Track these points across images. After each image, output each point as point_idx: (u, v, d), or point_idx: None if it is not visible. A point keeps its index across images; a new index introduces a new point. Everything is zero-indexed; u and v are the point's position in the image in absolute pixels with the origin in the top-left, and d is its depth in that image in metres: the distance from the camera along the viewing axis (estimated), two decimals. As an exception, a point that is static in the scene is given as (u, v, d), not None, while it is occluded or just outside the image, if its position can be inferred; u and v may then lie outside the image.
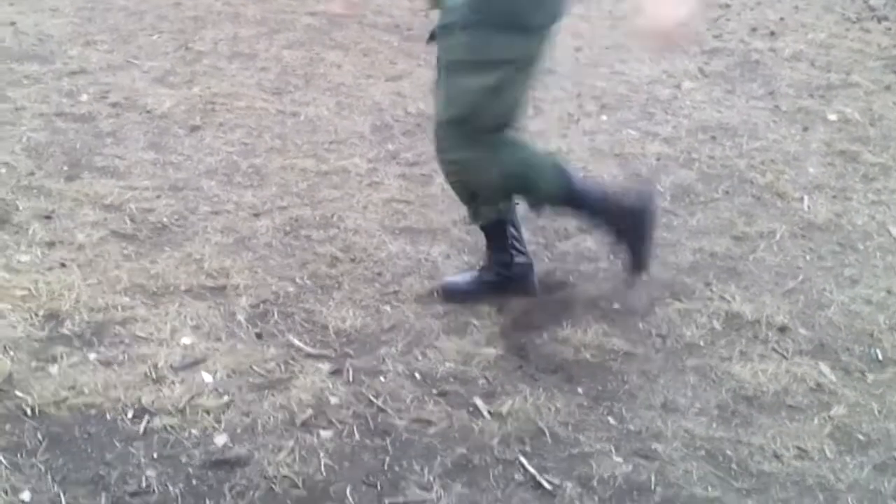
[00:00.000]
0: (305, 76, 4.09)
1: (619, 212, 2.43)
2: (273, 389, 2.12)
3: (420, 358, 2.27)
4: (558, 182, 2.37)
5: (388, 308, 2.46)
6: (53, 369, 2.12)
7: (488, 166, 2.27)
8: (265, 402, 2.07)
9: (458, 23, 2.16)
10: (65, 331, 2.26)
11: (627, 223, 2.44)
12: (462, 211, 2.59)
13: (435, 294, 2.52)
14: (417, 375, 2.21)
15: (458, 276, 2.60)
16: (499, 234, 2.48)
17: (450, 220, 2.89)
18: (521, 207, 2.53)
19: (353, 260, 2.68)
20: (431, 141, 2.37)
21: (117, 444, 1.93)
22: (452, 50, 2.21)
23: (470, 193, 2.40)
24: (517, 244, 2.50)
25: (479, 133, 2.23)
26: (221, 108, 3.66)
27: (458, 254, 2.75)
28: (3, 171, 3.02)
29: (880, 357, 2.40)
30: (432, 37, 2.28)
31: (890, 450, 2.08)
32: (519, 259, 2.50)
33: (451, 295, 2.51)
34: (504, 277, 2.51)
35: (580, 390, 2.20)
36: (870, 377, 2.32)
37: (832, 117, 3.99)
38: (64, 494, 1.79)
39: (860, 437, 2.12)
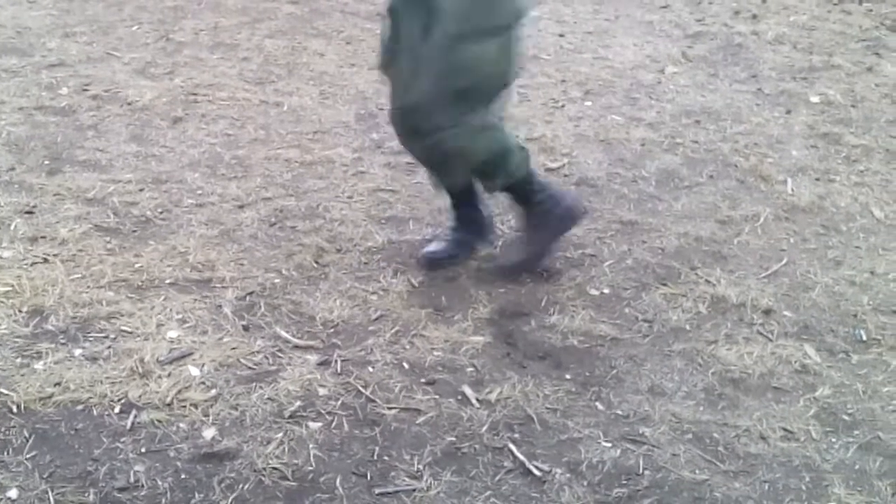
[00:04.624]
0: (288, 66, 4.06)
1: (552, 206, 2.53)
2: (261, 382, 2.11)
3: (408, 347, 2.28)
4: (525, 164, 2.46)
5: (374, 298, 2.46)
6: (39, 365, 2.11)
7: (476, 140, 2.33)
8: (253, 395, 2.07)
9: None
10: (49, 326, 2.24)
11: (553, 220, 2.54)
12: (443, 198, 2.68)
13: (417, 265, 2.58)
14: (405, 365, 2.21)
15: (433, 244, 2.64)
16: (467, 194, 2.59)
17: (436, 209, 2.89)
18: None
19: (339, 250, 2.67)
20: (405, 125, 2.36)
21: (105, 439, 1.92)
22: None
23: (454, 165, 2.43)
24: (480, 197, 2.62)
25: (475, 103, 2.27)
26: (203, 100, 3.63)
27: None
28: (-16, 166, 3.00)
29: (864, 338, 2.42)
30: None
31: (875, 430, 2.10)
32: (486, 212, 2.64)
33: (434, 263, 2.58)
34: (475, 233, 2.63)
35: (568, 376, 2.21)
36: (854, 358, 2.34)
37: (815, 100, 4.01)
38: (52, 491, 1.78)
39: (845, 417, 2.14)
